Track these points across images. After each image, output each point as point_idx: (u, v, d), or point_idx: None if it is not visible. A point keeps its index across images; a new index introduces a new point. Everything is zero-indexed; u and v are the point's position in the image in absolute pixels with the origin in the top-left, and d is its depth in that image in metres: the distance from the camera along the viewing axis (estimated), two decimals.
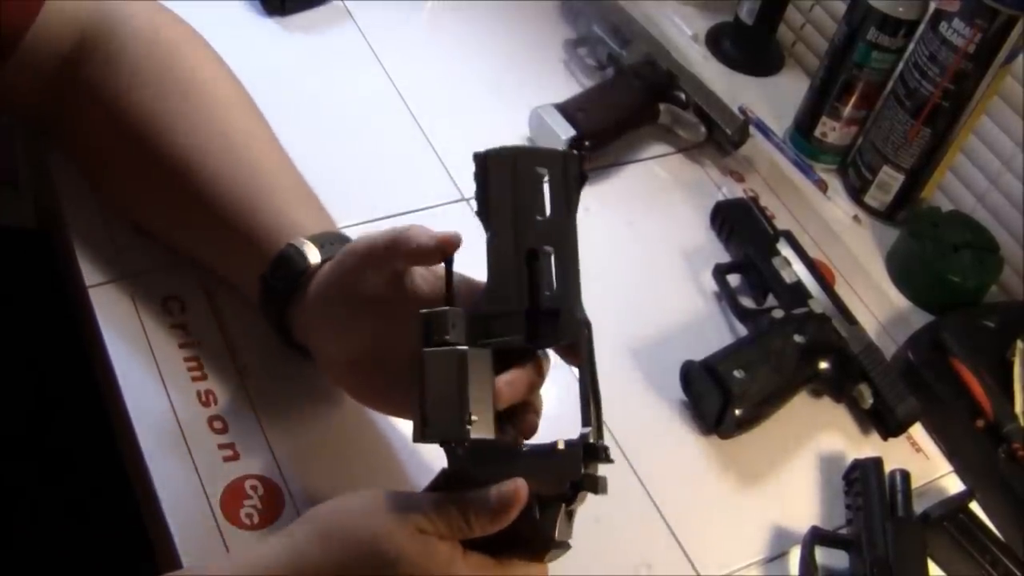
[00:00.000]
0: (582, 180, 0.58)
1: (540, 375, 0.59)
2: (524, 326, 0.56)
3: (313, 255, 0.64)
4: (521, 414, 0.59)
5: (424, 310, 0.56)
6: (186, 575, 0.57)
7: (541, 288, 0.56)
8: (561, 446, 0.54)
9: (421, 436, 0.54)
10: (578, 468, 0.53)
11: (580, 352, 0.56)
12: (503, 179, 0.58)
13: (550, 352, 0.60)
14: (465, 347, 0.55)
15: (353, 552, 0.52)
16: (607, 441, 0.55)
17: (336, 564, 0.52)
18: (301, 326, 0.66)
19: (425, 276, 0.61)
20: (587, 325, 0.56)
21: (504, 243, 0.57)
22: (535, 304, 0.56)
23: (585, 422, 0.54)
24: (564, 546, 0.55)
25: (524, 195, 0.58)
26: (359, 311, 0.61)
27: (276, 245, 0.65)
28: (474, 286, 0.60)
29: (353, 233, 0.67)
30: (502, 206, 0.58)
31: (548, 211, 0.57)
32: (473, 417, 0.54)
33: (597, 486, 0.54)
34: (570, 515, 0.55)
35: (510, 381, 0.57)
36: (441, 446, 0.56)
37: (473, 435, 0.54)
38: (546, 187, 0.58)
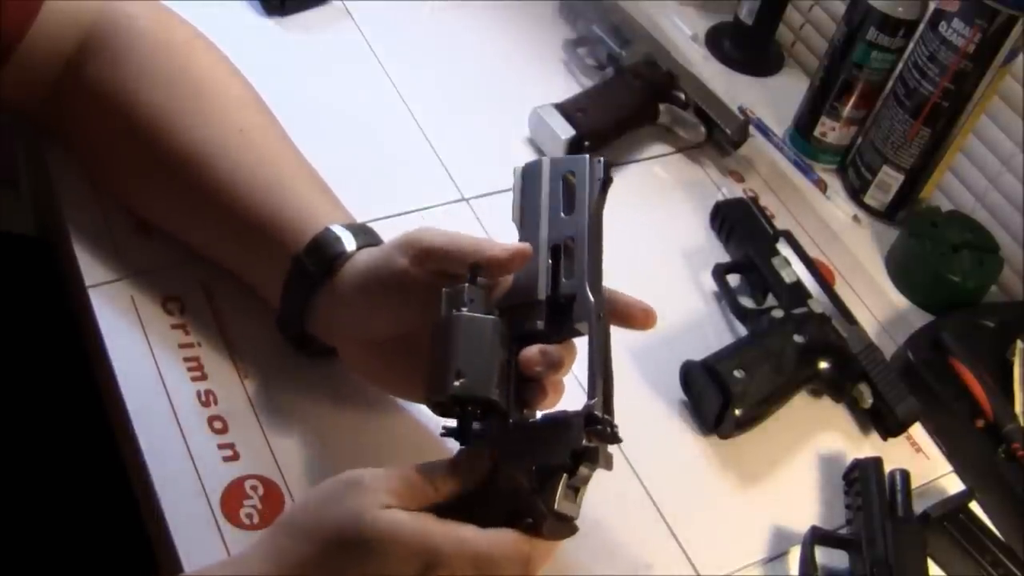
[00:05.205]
0: (607, 182, 0.61)
1: (570, 356, 0.59)
2: (545, 313, 0.59)
3: (349, 242, 0.65)
4: (532, 392, 0.59)
5: (445, 288, 0.58)
6: None
7: (561, 278, 0.59)
8: (566, 417, 0.55)
9: (444, 391, 0.55)
10: (579, 437, 0.54)
11: (590, 329, 0.57)
12: (535, 185, 0.62)
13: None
14: (495, 317, 0.57)
15: (327, 543, 0.52)
16: None
17: (313, 559, 0.52)
18: (326, 312, 0.66)
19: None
20: (602, 306, 0.58)
21: (531, 240, 0.60)
22: (556, 293, 0.59)
23: (591, 395, 0.54)
24: (567, 522, 0.55)
25: (552, 197, 0.61)
26: (406, 298, 0.62)
27: (305, 232, 0.66)
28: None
29: None
30: (532, 208, 0.62)
31: (574, 209, 0.60)
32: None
33: (599, 458, 0.55)
34: (576, 491, 0.55)
35: (544, 350, 0.58)
36: (458, 416, 0.57)
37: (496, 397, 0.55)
38: (575, 189, 0.61)
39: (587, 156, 0.62)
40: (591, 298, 0.57)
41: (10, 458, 0.74)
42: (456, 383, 0.55)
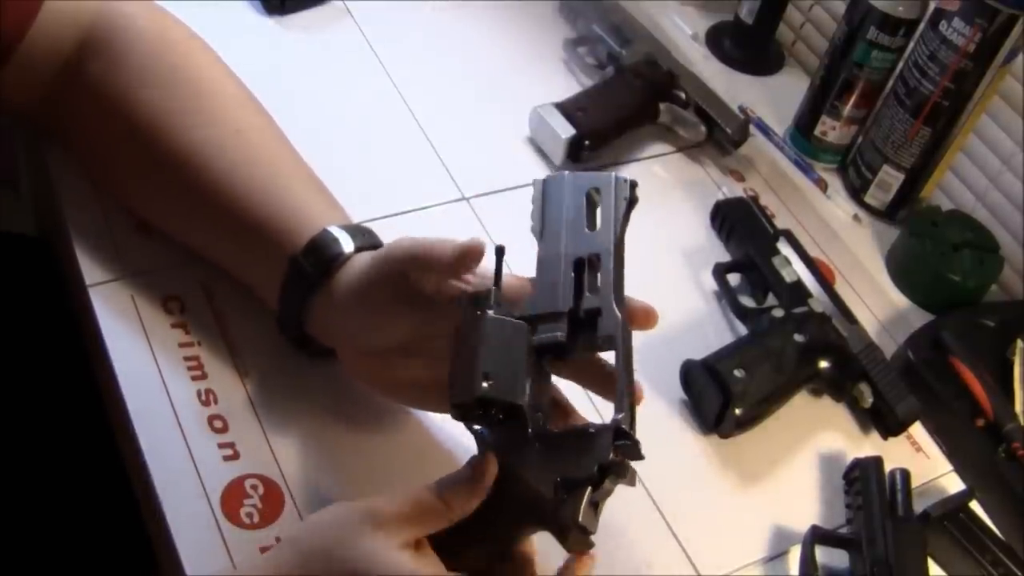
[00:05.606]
0: (632, 203, 0.61)
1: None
2: (566, 326, 0.58)
3: (347, 243, 0.65)
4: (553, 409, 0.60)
5: (470, 290, 0.59)
6: None
7: (584, 292, 0.59)
8: (592, 429, 0.55)
9: (471, 392, 0.54)
10: (607, 450, 0.54)
11: (616, 344, 0.57)
12: (559, 198, 0.62)
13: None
14: (522, 321, 0.57)
15: (335, 572, 0.52)
16: None
17: None
18: (323, 314, 0.66)
19: (473, 276, 0.63)
20: (625, 323, 0.58)
21: (552, 252, 0.60)
22: (578, 306, 0.58)
23: (619, 410, 0.54)
24: (587, 535, 0.55)
25: (575, 212, 0.61)
26: (404, 302, 0.62)
27: (303, 233, 0.66)
28: (524, 284, 0.61)
29: None
30: (555, 221, 0.61)
31: (598, 226, 0.60)
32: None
33: (626, 472, 0.55)
34: (595, 505, 0.55)
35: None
36: (477, 420, 0.56)
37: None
38: (599, 206, 0.61)
39: (613, 174, 0.62)
40: (619, 315, 0.57)
41: (10, 458, 0.74)
42: (485, 384, 0.54)
